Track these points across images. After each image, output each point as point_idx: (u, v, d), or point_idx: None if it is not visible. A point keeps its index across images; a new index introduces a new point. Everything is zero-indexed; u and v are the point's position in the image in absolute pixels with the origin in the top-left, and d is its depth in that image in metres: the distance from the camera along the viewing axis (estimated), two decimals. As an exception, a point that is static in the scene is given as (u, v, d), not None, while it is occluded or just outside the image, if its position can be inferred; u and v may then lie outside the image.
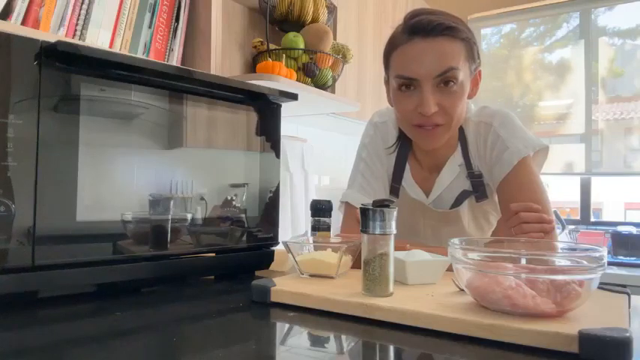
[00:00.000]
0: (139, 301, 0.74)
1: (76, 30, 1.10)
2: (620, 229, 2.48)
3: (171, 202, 0.81)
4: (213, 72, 1.31)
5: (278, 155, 1.00)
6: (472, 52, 0.94)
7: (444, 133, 0.96)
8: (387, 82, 1.04)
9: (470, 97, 0.99)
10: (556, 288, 0.55)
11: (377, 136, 1.12)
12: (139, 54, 1.23)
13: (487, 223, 1.10)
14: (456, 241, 0.63)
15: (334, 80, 1.75)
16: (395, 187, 1.11)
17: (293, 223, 1.91)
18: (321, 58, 1.62)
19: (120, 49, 1.19)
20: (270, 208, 0.98)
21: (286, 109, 1.03)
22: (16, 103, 0.64)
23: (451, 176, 1.05)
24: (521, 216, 0.88)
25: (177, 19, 1.33)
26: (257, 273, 0.97)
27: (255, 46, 1.60)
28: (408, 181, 1.10)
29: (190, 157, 0.85)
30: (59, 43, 0.66)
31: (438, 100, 0.92)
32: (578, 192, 2.82)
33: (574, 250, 0.68)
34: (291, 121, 2.09)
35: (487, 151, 1.01)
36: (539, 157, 1.02)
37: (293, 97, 0.99)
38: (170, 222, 0.81)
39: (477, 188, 1.04)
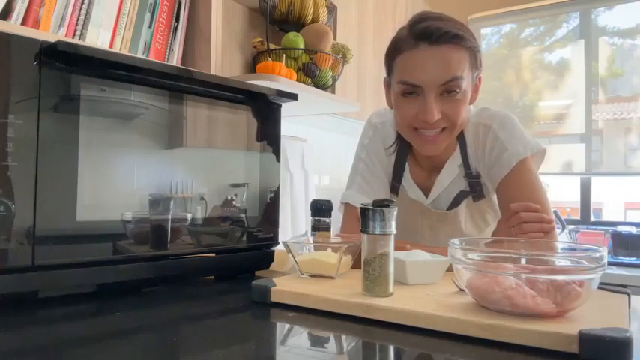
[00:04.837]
0: (139, 301, 0.74)
1: (76, 30, 1.10)
2: (620, 229, 2.48)
3: (171, 202, 0.81)
4: (213, 72, 1.31)
5: (278, 155, 1.00)
6: (475, 61, 0.94)
7: (445, 139, 0.96)
8: (386, 83, 1.03)
9: (470, 102, 0.99)
10: (556, 288, 0.55)
11: (376, 137, 1.12)
12: (139, 54, 1.23)
13: (484, 222, 1.11)
14: (456, 241, 0.63)
15: (334, 80, 1.75)
16: (395, 186, 1.11)
17: (293, 223, 1.91)
18: (321, 58, 1.62)
19: (120, 49, 1.19)
20: (270, 208, 0.98)
21: (286, 109, 1.03)
22: (16, 103, 0.64)
23: (451, 177, 1.05)
24: (520, 216, 0.88)
25: (177, 19, 1.33)
26: (257, 273, 0.97)
27: (255, 46, 1.60)
28: (408, 181, 1.10)
29: (190, 157, 0.85)
30: (59, 43, 0.66)
31: (440, 107, 0.91)
32: (578, 192, 2.82)
33: (574, 250, 0.68)
34: (291, 121, 2.09)
35: (486, 153, 1.01)
36: (536, 160, 1.02)
37: (293, 97, 0.99)
38: (170, 222, 0.81)
39: (474, 188, 1.04)
